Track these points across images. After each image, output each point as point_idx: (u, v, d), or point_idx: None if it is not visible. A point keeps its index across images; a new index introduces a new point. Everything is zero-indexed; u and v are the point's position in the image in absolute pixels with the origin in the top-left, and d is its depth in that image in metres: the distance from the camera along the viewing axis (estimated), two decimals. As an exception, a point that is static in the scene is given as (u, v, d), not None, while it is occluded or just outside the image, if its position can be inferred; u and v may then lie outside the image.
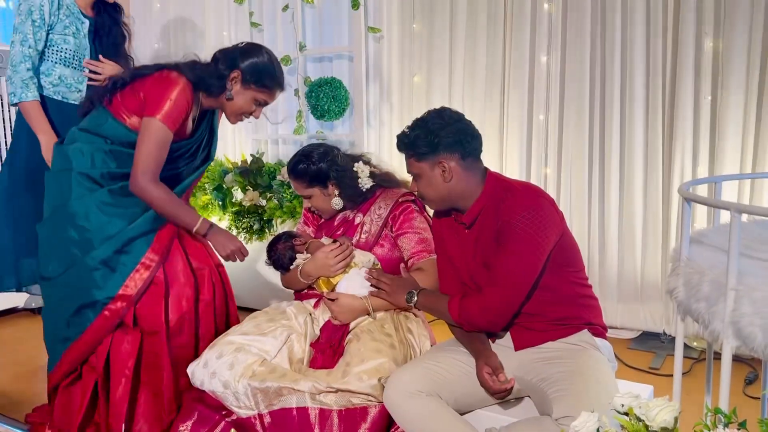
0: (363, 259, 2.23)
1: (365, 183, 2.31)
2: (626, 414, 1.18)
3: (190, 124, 2.22)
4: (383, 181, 2.39)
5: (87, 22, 2.65)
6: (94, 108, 2.18)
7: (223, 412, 2.09)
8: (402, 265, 2.22)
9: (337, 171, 2.27)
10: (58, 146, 2.20)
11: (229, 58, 2.18)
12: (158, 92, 2.06)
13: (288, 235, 2.37)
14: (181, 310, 2.18)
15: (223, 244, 2.22)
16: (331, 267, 2.20)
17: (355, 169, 2.31)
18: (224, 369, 2.05)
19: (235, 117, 2.26)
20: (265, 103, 2.24)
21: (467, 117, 1.94)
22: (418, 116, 1.92)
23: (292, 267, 2.34)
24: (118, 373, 2.10)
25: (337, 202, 2.29)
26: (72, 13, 2.60)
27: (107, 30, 2.72)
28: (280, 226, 3.67)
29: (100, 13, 2.72)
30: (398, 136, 1.94)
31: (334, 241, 2.27)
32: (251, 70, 2.17)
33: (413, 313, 2.24)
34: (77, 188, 2.10)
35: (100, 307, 2.09)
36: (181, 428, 2.11)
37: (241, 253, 2.26)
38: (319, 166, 2.25)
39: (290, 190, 3.60)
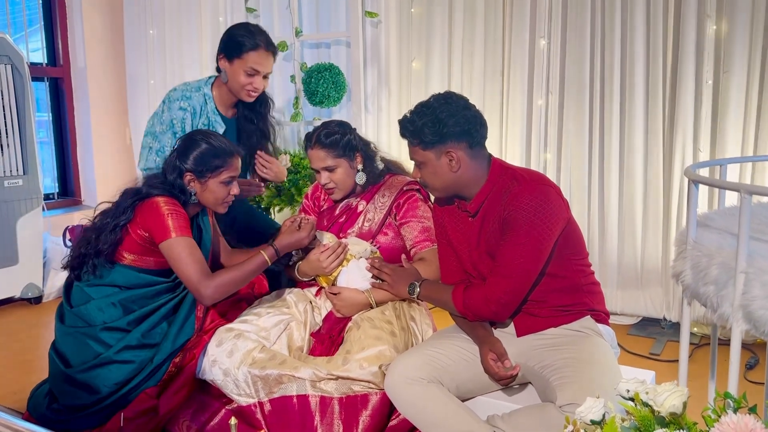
0: (358, 248, 2.21)
1: (378, 163, 2.30)
2: (632, 399, 1.16)
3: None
4: (392, 166, 2.38)
5: (224, 127, 2.52)
6: (87, 264, 2.12)
7: (224, 400, 2.08)
8: (403, 255, 2.20)
9: (362, 143, 2.28)
10: (68, 311, 2.15)
11: (172, 166, 2.12)
12: (155, 219, 2.03)
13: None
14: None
15: (294, 246, 2.18)
16: (325, 269, 2.18)
17: (372, 148, 2.31)
18: (224, 356, 2.04)
19: (221, 206, 2.18)
20: (233, 178, 2.16)
21: (466, 103, 1.90)
22: (423, 101, 1.86)
23: (290, 263, 2.33)
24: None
25: (361, 177, 2.27)
26: (209, 121, 2.50)
27: (248, 133, 2.56)
28: (278, 214, 3.65)
29: (242, 113, 2.59)
30: (402, 123, 1.88)
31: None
32: (197, 164, 2.10)
33: (416, 302, 2.22)
34: (109, 340, 2.08)
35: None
36: (181, 417, 2.11)
37: (309, 237, 2.19)
38: (350, 136, 2.23)
39: (289, 177, 3.57)
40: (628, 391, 1.18)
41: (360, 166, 2.26)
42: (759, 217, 1.45)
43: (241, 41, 2.40)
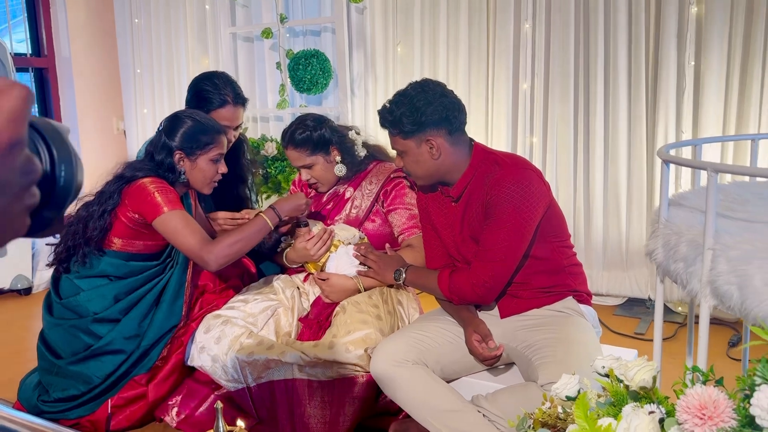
0: (346, 234, 2.22)
1: (360, 151, 2.29)
2: (607, 376, 1.19)
3: None
4: (376, 152, 2.37)
5: None
6: (77, 254, 2.12)
7: (212, 386, 2.11)
8: (387, 244, 2.21)
9: (337, 135, 2.24)
10: (57, 303, 2.14)
11: (160, 146, 2.10)
12: (144, 199, 2.02)
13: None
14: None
15: (294, 210, 2.16)
16: (312, 256, 2.19)
17: (350, 136, 2.28)
18: (212, 343, 2.06)
19: (207, 186, 2.16)
20: (221, 156, 2.15)
21: (452, 87, 1.90)
22: (400, 90, 1.87)
23: (278, 249, 2.34)
24: None
25: (340, 169, 2.25)
26: None
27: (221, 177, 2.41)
28: (265, 201, 3.65)
29: None
30: (381, 113, 1.89)
31: (298, 224, 2.23)
32: (186, 141, 2.09)
33: (403, 287, 2.24)
34: (99, 331, 2.09)
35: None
36: (170, 403, 2.13)
37: (307, 202, 2.19)
38: (321, 132, 2.20)
39: (275, 165, 3.58)
40: (604, 367, 1.20)
41: (338, 158, 2.25)
42: (731, 195, 1.47)
43: (208, 98, 2.37)
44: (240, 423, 1.36)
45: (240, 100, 2.42)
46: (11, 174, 0.44)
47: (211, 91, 2.38)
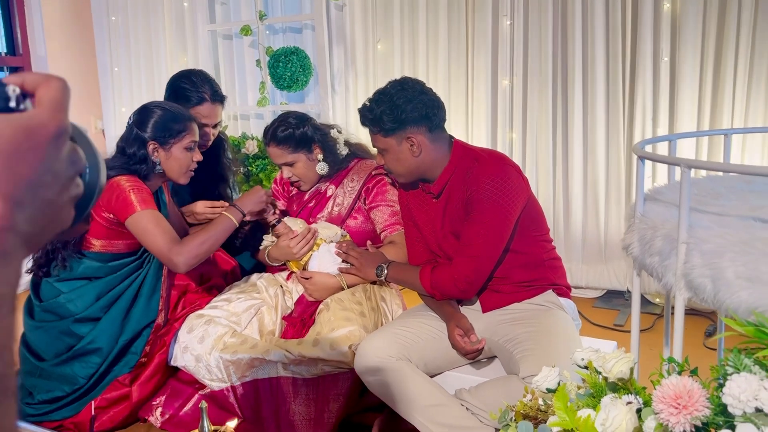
0: (329, 232, 2.23)
1: (342, 149, 2.29)
2: (586, 368, 1.22)
3: None
4: (357, 150, 2.38)
5: None
6: (56, 259, 2.10)
7: (196, 386, 2.11)
8: (369, 241, 2.23)
9: (319, 133, 2.25)
10: (38, 306, 2.13)
11: (132, 138, 2.07)
12: (117, 197, 1.99)
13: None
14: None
15: (255, 203, 2.17)
16: (295, 254, 2.20)
17: (332, 135, 2.29)
18: (195, 343, 2.06)
19: (184, 176, 2.13)
20: (195, 143, 2.13)
21: (432, 84, 1.92)
22: (380, 88, 1.89)
23: (261, 247, 2.34)
24: None
25: (322, 167, 2.25)
26: None
27: (197, 175, 2.30)
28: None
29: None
30: (361, 111, 1.90)
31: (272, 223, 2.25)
32: (159, 130, 2.06)
33: (386, 284, 2.25)
34: (81, 331, 2.07)
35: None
36: (154, 403, 2.13)
37: (268, 203, 2.21)
38: (303, 129, 2.21)
39: (256, 163, 3.57)
40: (583, 359, 1.23)
41: (320, 156, 2.25)
42: (705, 189, 1.51)
43: (186, 95, 2.35)
44: (230, 423, 1.36)
45: (218, 97, 2.42)
46: (60, 164, 0.45)
47: (189, 89, 2.37)
